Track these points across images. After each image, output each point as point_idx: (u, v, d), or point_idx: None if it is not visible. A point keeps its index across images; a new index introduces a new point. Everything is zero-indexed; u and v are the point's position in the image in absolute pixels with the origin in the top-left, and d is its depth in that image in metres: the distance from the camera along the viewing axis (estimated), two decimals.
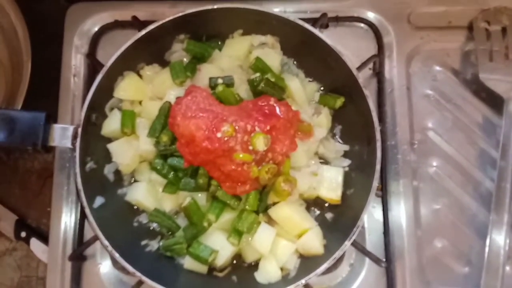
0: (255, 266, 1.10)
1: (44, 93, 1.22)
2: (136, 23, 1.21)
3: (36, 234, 1.24)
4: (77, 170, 1.02)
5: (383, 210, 1.17)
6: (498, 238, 1.09)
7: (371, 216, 1.18)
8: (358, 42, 1.27)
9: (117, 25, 1.28)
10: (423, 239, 1.17)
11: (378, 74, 1.25)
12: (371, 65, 1.25)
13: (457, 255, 1.17)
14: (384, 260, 1.13)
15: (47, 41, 1.26)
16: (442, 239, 1.18)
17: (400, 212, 1.18)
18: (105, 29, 1.29)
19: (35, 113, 1.01)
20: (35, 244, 1.23)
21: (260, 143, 0.98)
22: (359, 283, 1.15)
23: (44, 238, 1.22)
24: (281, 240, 1.08)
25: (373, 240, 1.16)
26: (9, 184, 1.29)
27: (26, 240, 1.23)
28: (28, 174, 1.29)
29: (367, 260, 1.14)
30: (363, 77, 1.12)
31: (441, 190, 1.20)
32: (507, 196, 1.11)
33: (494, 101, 1.23)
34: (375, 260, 1.11)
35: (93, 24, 1.29)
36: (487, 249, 1.09)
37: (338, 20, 1.27)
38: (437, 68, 1.28)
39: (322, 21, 1.21)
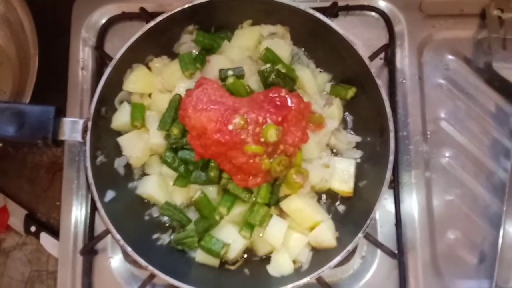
0: (267, 259, 1.10)
1: (52, 87, 1.21)
2: (144, 15, 1.20)
3: (46, 228, 1.24)
4: (88, 164, 1.02)
5: (395, 201, 1.16)
6: None
7: (383, 207, 1.17)
8: (369, 31, 1.26)
9: (125, 17, 1.27)
10: (436, 231, 1.16)
11: (390, 63, 1.24)
12: (382, 54, 1.23)
13: (470, 247, 1.16)
14: (396, 252, 1.12)
15: (54, 34, 1.25)
16: (455, 230, 1.17)
17: (412, 203, 1.17)
18: (112, 21, 1.27)
19: (45, 107, 1.00)
20: (45, 239, 1.22)
21: (272, 134, 0.97)
22: (371, 275, 1.14)
23: (54, 232, 1.22)
24: (293, 232, 1.08)
25: (384, 232, 1.16)
26: (18, 179, 1.29)
27: (36, 235, 1.23)
28: (37, 168, 1.29)
29: (379, 252, 1.14)
30: (375, 67, 1.10)
31: (454, 180, 1.19)
32: None
33: (507, 90, 1.21)
34: (388, 252, 1.10)
35: (101, 16, 1.28)
36: (500, 240, 1.08)
37: (349, 9, 1.25)
38: (450, 57, 1.26)
39: (332, 10, 1.20)
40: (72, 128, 1.02)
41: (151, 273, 1.01)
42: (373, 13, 1.26)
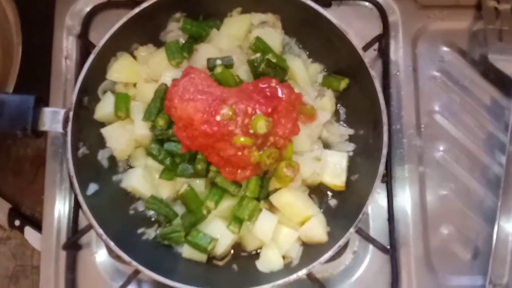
0: (256, 254, 1.08)
1: (36, 78, 1.19)
2: (130, 3, 1.16)
3: (31, 222, 1.22)
4: (69, 155, 0.99)
5: (388, 196, 1.14)
6: (506, 224, 1.07)
7: (375, 202, 1.15)
8: (362, 22, 1.24)
9: (110, 4, 1.24)
10: (429, 226, 1.15)
11: (383, 55, 1.22)
12: (376, 46, 1.21)
13: (464, 242, 1.15)
14: (388, 247, 1.11)
15: (38, 23, 1.23)
16: (448, 225, 1.16)
17: (405, 198, 1.16)
18: (97, 9, 1.25)
19: (24, 96, 0.98)
20: (30, 233, 1.21)
21: (262, 126, 0.95)
22: (362, 271, 1.13)
23: (38, 226, 1.19)
24: (283, 227, 1.06)
25: (377, 227, 1.14)
26: (2, 171, 1.26)
27: (20, 229, 1.21)
28: (21, 161, 1.27)
29: (371, 247, 1.12)
30: (368, 58, 1.08)
31: (448, 175, 1.18)
32: None
33: (503, 82, 1.20)
34: (381, 247, 1.09)
35: (85, 4, 1.25)
36: (494, 236, 1.07)
37: None
38: (444, 48, 1.24)
39: None
40: (53, 118, 1.00)
41: (136, 268, 0.99)
42: (366, 3, 1.24)
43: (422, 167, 1.18)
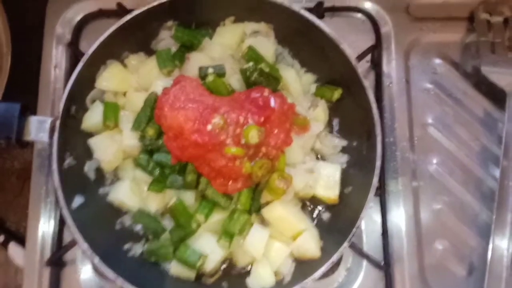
0: (247, 272, 1.06)
1: (25, 87, 1.18)
2: (122, 11, 1.17)
3: (15, 238, 1.19)
4: (55, 166, 0.97)
5: (381, 210, 1.13)
6: (501, 239, 1.06)
7: (369, 216, 1.14)
8: (355, 34, 1.24)
9: (102, 14, 1.24)
10: (423, 241, 1.14)
11: (376, 66, 1.22)
12: (368, 57, 1.21)
13: (459, 258, 1.13)
14: (382, 263, 1.09)
15: (28, 32, 1.22)
16: (443, 240, 1.14)
17: (399, 212, 1.14)
18: (88, 18, 1.25)
19: (9, 104, 0.96)
20: (14, 249, 1.17)
21: (253, 136, 0.93)
22: None
23: (23, 242, 1.16)
24: (275, 242, 1.04)
25: (370, 243, 1.13)
26: None
27: (4, 245, 1.18)
28: (7, 174, 1.24)
29: (365, 264, 1.11)
30: (361, 69, 1.08)
31: (442, 188, 1.17)
32: (510, 195, 1.08)
33: (495, 95, 1.20)
34: (375, 263, 1.07)
35: (76, 12, 1.25)
36: (490, 252, 1.06)
37: (335, 10, 1.24)
38: (437, 60, 1.25)
39: (318, 10, 1.18)
40: (39, 127, 0.98)
41: (121, 286, 0.96)
42: (359, 15, 1.25)
43: (415, 180, 1.16)
